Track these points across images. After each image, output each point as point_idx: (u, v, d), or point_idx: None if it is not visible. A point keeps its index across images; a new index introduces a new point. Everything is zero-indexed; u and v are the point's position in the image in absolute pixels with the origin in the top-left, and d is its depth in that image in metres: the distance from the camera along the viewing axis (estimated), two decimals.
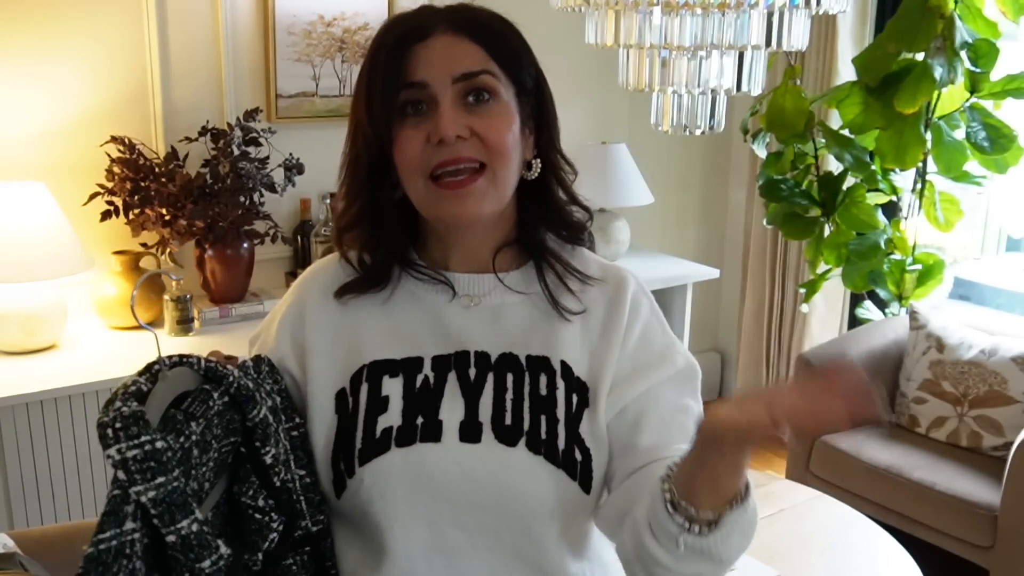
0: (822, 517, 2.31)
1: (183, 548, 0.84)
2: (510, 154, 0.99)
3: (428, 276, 1.06)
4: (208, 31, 2.82)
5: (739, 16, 1.92)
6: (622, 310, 1.06)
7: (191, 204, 2.59)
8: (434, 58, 0.96)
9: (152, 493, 0.82)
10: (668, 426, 1.01)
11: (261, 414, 0.93)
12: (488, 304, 1.05)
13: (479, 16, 1.01)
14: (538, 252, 1.07)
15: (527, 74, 1.02)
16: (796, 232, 3.30)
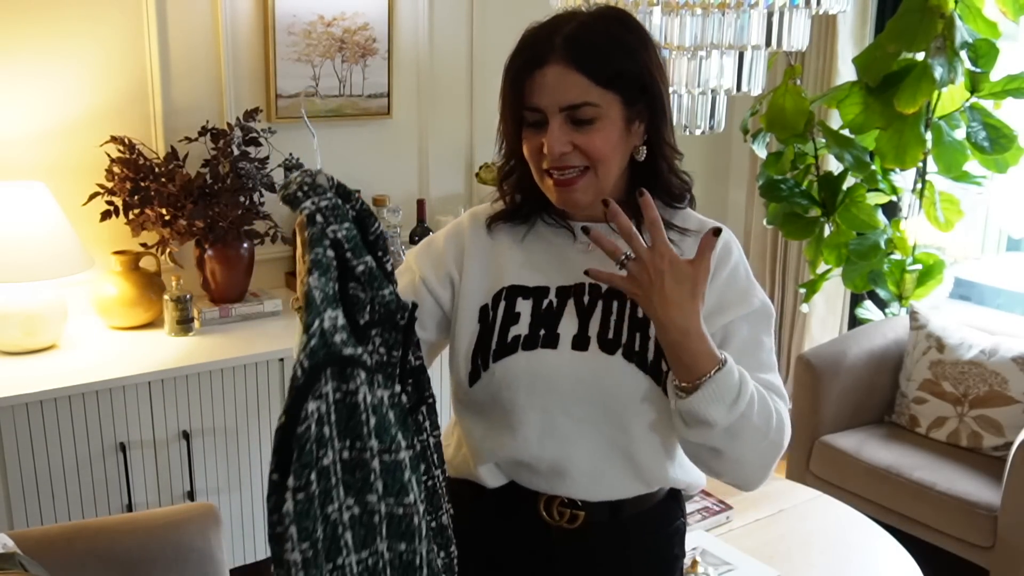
0: (822, 517, 2.31)
1: (368, 278, 0.98)
2: (608, 160, 1.21)
3: (555, 222, 1.31)
4: (208, 31, 2.82)
5: (739, 16, 1.92)
6: None
7: (191, 204, 2.59)
8: (546, 88, 1.18)
9: (343, 232, 0.96)
10: (742, 355, 1.21)
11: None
12: None
13: (591, 41, 1.18)
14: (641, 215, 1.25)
15: (632, 84, 1.20)
16: (796, 232, 3.30)
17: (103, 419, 2.34)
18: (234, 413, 2.53)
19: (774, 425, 1.18)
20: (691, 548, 2.01)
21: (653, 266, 1.11)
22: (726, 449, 1.16)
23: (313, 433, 0.87)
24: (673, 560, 1.39)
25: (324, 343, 0.88)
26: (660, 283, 1.11)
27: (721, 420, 1.13)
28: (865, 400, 3.16)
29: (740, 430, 1.14)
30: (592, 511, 1.28)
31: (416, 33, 3.17)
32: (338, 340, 0.89)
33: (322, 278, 0.90)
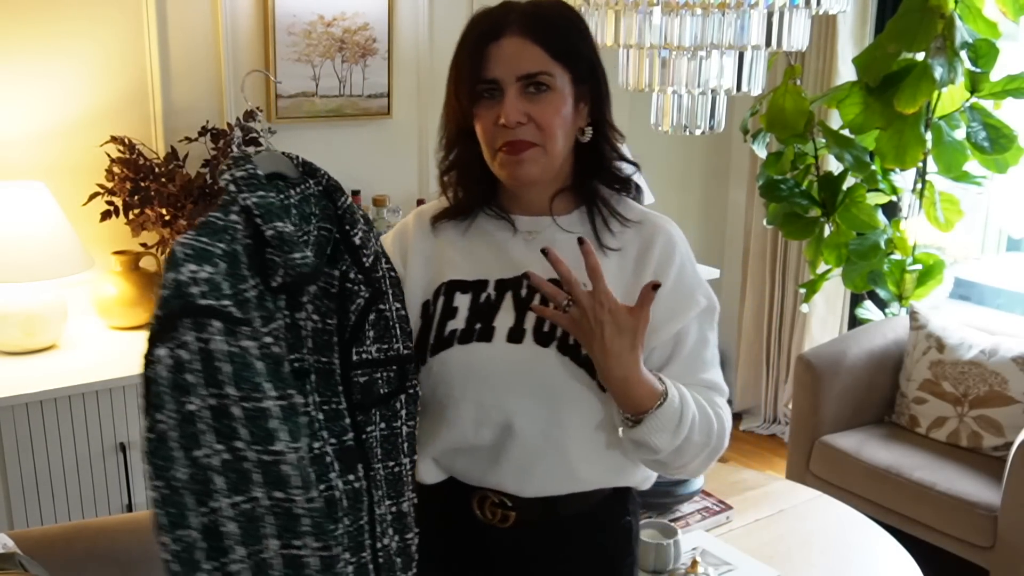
0: (822, 517, 2.31)
1: (279, 243, 1.00)
2: (558, 134, 1.23)
3: (496, 214, 1.32)
4: (208, 31, 2.82)
5: (739, 16, 1.92)
6: (653, 251, 1.28)
7: (191, 204, 2.59)
8: (503, 58, 1.21)
9: (255, 199, 1.01)
10: (692, 359, 1.27)
11: (348, 202, 1.13)
12: (543, 239, 1.28)
13: (546, 16, 1.23)
14: (590, 199, 1.30)
15: (583, 62, 1.25)
16: (796, 232, 3.30)
17: (103, 419, 2.34)
18: None
19: (715, 434, 1.23)
20: (691, 548, 2.01)
21: (594, 315, 1.13)
22: (670, 462, 1.22)
23: (166, 378, 0.90)
24: (620, 560, 1.37)
25: (178, 294, 0.91)
26: (600, 332, 1.13)
27: (665, 446, 1.18)
28: (865, 400, 3.16)
29: (683, 449, 1.20)
30: (523, 510, 1.28)
31: (416, 33, 3.17)
32: (195, 292, 0.92)
33: (202, 238, 0.96)
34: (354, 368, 1.14)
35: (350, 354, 1.13)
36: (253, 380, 0.93)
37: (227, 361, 0.92)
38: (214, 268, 0.94)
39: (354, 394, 1.14)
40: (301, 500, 0.96)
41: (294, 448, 0.96)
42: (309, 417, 1.04)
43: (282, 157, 1.14)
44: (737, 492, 2.36)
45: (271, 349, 0.96)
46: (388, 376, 1.18)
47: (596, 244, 1.26)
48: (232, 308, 0.94)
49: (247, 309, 0.96)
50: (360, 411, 1.15)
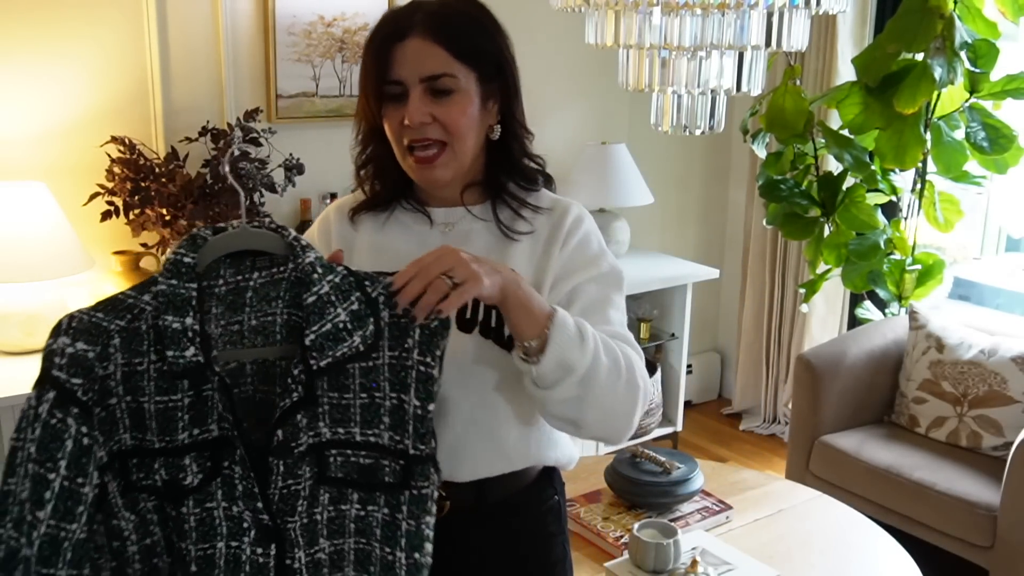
0: (822, 517, 2.31)
1: (160, 336, 1.05)
2: (465, 134, 1.26)
3: (413, 207, 1.35)
4: (208, 31, 2.82)
5: (739, 16, 1.92)
6: (562, 228, 1.32)
7: (191, 204, 2.59)
8: (407, 59, 1.22)
9: (162, 287, 1.05)
10: (591, 312, 1.27)
11: (311, 298, 1.08)
12: (459, 230, 1.33)
13: (450, 17, 1.24)
14: (496, 193, 1.34)
15: (489, 62, 1.26)
16: (796, 232, 3.30)
17: None
18: None
19: (623, 365, 1.20)
20: (691, 548, 2.02)
21: (437, 253, 1.09)
22: (587, 396, 1.16)
23: (24, 411, 1.03)
24: (549, 538, 1.41)
25: (46, 357, 1.02)
26: (460, 258, 1.08)
27: (578, 361, 1.14)
28: (865, 400, 3.16)
29: (595, 372, 1.16)
30: (457, 496, 1.29)
31: None
32: (56, 361, 1.01)
33: (99, 313, 1.04)
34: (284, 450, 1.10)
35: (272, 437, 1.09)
36: (54, 453, 1.01)
37: (42, 427, 1.00)
38: (89, 346, 1.01)
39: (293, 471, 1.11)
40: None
41: (51, 524, 1.02)
42: (143, 497, 1.09)
43: (267, 234, 1.09)
44: (737, 492, 2.36)
45: (83, 440, 1.02)
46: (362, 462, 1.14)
47: (502, 233, 1.32)
48: (77, 387, 1.01)
49: (100, 392, 1.03)
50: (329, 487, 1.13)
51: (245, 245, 1.09)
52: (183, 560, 1.10)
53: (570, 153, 3.47)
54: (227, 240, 1.08)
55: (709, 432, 4.08)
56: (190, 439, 1.07)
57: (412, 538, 1.12)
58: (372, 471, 1.12)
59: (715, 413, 4.28)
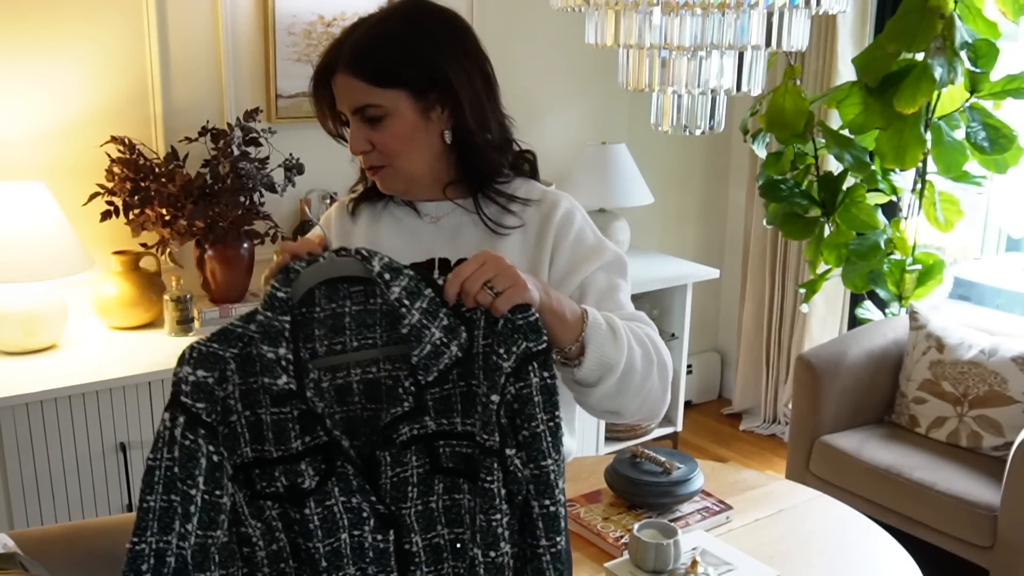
0: (822, 517, 2.31)
1: (260, 366, 1.14)
2: (402, 153, 1.32)
3: (403, 201, 1.41)
4: (208, 31, 2.82)
5: (739, 16, 1.92)
6: (552, 221, 1.35)
7: (191, 204, 2.59)
8: (339, 94, 1.31)
9: (261, 317, 1.13)
10: (603, 301, 1.31)
11: (412, 319, 1.13)
12: (448, 223, 1.38)
13: (369, 46, 1.28)
14: (477, 189, 1.37)
15: (416, 78, 1.29)
16: (796, 232, 3.30)
17: (103, 419, 2.34)
18: None
19: (651, 347, 1.25)
20: (691, 548, 2.01)
21: (478, 261, 1.11)
22: (627, 387, 1.21)
23: (158, 432, 1.13)
24: None
25: (174, 384, 1.13)
26: (501, 266, 1.10)
27: (616, 357, 1.18)
28: (865, 400, 3.16)
29: (632, 363, 1.20)
30: None
31: None
32: (182, 388, 1.12)
33: (214, 343, 1.14)
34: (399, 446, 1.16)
35: (389, 441, 1.16)
36: (192, 471, 1.11)
37: (179, 449, 1.11)
38: (208, 373, 1.12)
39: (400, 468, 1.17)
40: None
41: (199, 534, 1.12)
42: (263, 507, 1.17)
43: (352, 263, 1.15)
44: (737, 492, 2.36)
45: (213, 457, 1.12)
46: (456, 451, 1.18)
47: (488, 229, 1.35)
48: (202, 411, 1.12)
49: (222, 411, 1.14)
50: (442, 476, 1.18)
51: (334, 274, 1.17)
52: (312, 558, 1.16)
53: (570, 153, 3.47)
54: (316, 271, 1.15)
55: (709, 432, 4.07)
56: (303, 446, 1.14)
57: (486, 534, 1.13)
58: (473, 461, 1.16)
59: (715, 413, 4.28)
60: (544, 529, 1.13)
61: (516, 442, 1.12)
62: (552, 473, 1.12)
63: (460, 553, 1.19)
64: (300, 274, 1.14)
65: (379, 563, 1.18)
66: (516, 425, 1.12)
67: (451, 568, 1.19)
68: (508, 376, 1.11)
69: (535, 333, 1.12)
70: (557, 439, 1.13)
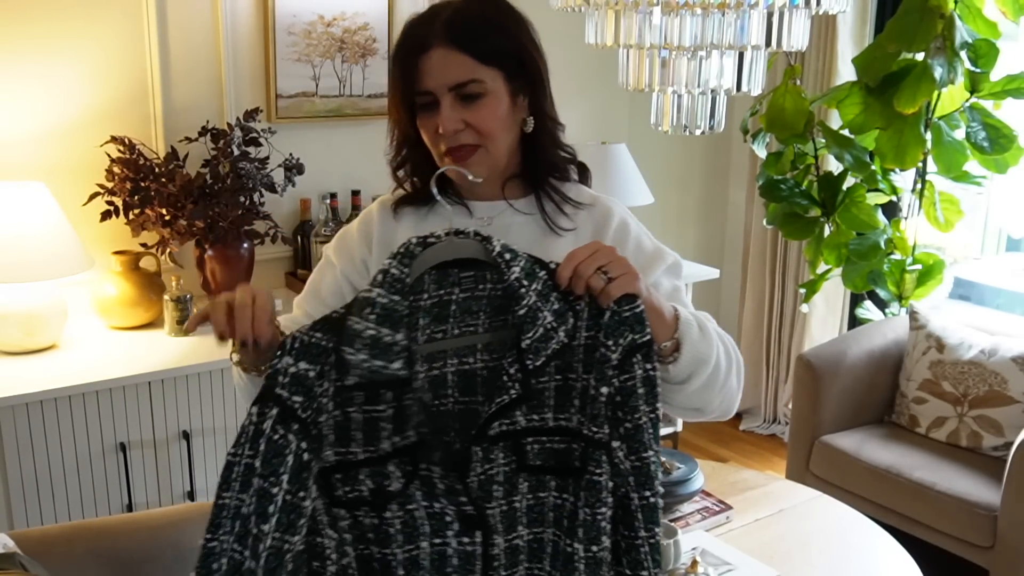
0: (822, 517, 2.31)
1: (364, 346, 1.07)
2: (498, 134, 1.28)
3: (453, 201, 1.35)
4: (208, 31, 2.82)
5: (739, 16, 1.91)
6: (608, 230, 1.34)
7: (191, 204, 2.59)
8: (433, 70, 1.24)
9: (382, 300, 1.08)
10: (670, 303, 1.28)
11: (527, 303, 1.12)
12: (500, 223, 1.34)
13: (469, 22, 1.25)
14: (537, 185, 1.35)
15: (513, 60, 1.27)
16: (796, 232, 3.30)
17: (103, 419, 2.34)
18: (234, 413, 2.53)
19: (729, 345, 1.28)
20: (691, 548, 2.01)
21: (590, 248, 1.13)
22: (714, 383, 1.23)
23: (245, 427, 1.07)
24: None
25: (270, 376, 1.06)
26: (615, 253, 1.13)
27: (707, 353, 1.20)
28: (865, 400, 3.16)
29: (719, 359, 1.23)
30: None
31: None
32: (279, 380, 1.06)
33: (317, 332, 1.08)
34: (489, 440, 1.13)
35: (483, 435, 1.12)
36: (277, 468, 1.05)
37: (265, 443, 1.05)
38: (310, 365, 1.06)
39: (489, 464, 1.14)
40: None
41: (276, 537, 1.06)
42: (342, 514, 1.12)
43: (472, 244, 1.13)
44: (737, 492, 2.36)
45: (303, 456, 1.07)
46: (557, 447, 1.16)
47: (547, 227, 1.33)
48: (298, 405, 1.06)
49: (316, 411, 1.08)
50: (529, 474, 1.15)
51: (451, 255, 1.14)
52: (388, 566, 1.13)
53: None
54: (435, 252, 1.12)
55: (709, 432, 4.07)
56: (392, 447, 1.11)
57: (589, 528, 1.12)
58: (566, 455, 1.14)
59: None
60: (643, 520, 1.12)
61: (619, 434, 1.11)
62: (653, 464, 1.11)
63: (536, 553, 1.17)
64: (417, 257, 1.11)
65: (463, 570, 1.14)
66: (618, 417, 1.11)
67: (526, 570, 1.17)
68: (613, 368, 1.10)
69: (640, 325, 1.11)
70: (657, 431, 1.12)
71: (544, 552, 1.16)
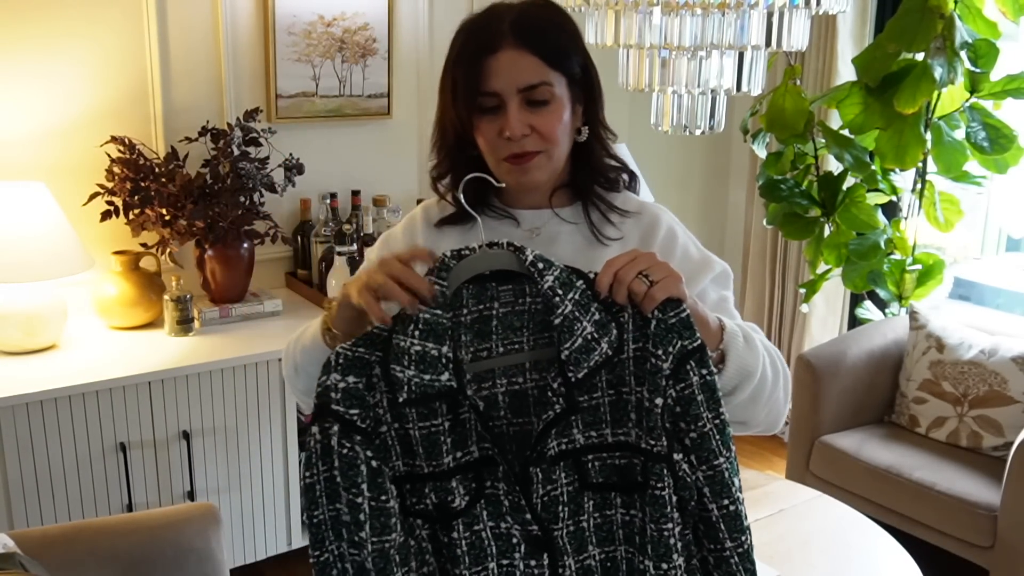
0: (822, 517, 2.31)
1: (411, 362, 1.08)
2: (561, 140, 1.26)
3: (499, 212, 1.34)
4: (208, 31, 2.82)
5: (739, 16, 1.92)
6: (656, 238, 1.32)
7: (191, 204, 2.59)
8: (502, 71, 1.21)
9: (426, 316, 1.08)
10: (716, 313, 1.25)
11: (564, 311, 1.10)
12: (546, 233, 1.32)
13: (538, 25, 1.23)
14: (585, 195, 1.33)
15: (576, 64, 1.26)
16: (796, 232, 3.30)
17: (103, 419, 2.34)
18: (234, 413, 2.53)
19: (776, 357, 1.25)
20: None
21: (630, 255, 1.11)
22: (760, 396, 1.21)
23: (311, 448, 1.09)
24: None
25: (322, 393, 1.08)
26: (655, 258, 1.12)
27: (754, 365, 1.18)
28: (865, 400, 3.16)
29: (764, 372, 1.20)
30: None
31: (416, 33, 3.17)
32: (332, 396, 1.07)
33: (360, 348, 1.08)
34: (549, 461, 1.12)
35: (531, 456, 1.11)
36: (355, 479, 1.07)
37: (338, 459, 1.07)
38: (358, 379, 1.07)
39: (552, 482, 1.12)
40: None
41: (375, 541, 1.08)
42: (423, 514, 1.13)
43: (504, 255, 1.12)
44: None
45: (372, 462, 1.08)
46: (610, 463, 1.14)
47: (594, 236, 1.31)
48: (355, 417, 1.07)
49: (373, 420, 1.09)
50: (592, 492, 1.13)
51: (486, 267, 1.13)
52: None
53: None
54: (470, 264, 1.12)
55: None
56: (454, 462, 1.10)
57: (657, 545, 1.09)
58: (628, 471, 1.12)
59: None
60: (727, 530, 1.10)
61: (683, 446, 1.08)
62: (727, 471, 1.09)
63: (610, 573, 1.14)
64: (452, 269, 1.10)
65: None
66: (680, 428, 1.08)
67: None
68: (667, 379, 1.07)
69: (688, 330, 1.08)
70: (726, 436, 1.09)
71: (619, 571, 1.14)
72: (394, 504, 1.08)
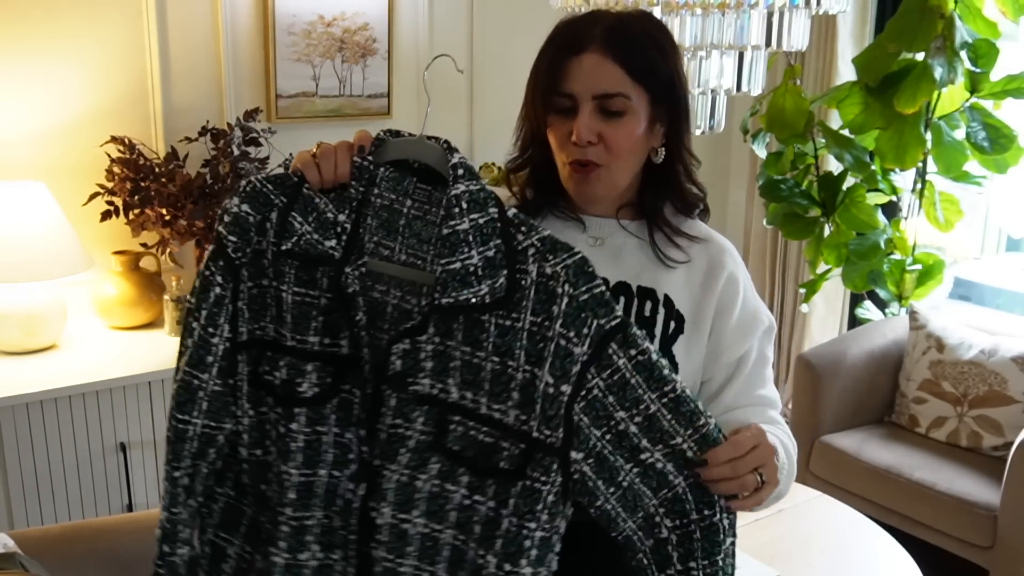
0: (822, 517, 2.31)
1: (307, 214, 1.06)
2: (626, 155, 1.22)
3: (565, 215, 1.30)
4: (208, 31, 2.82)
5: (739, 16, 1.92)
6: (720, 276, 1.28)
7: (191, 204, 2.59)
8: (582, 74, 1.19)
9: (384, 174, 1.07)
10: (753, 377, 1.28)
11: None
12: (611, 244, 1.29)
13: (630, 34, 1.21)
14: (651, 217, 1.29)
15: (662, 83, 1.22)
16: (796, 232, 3.30)
17: (103, 419, 2.34)
18: None
19: (792, 451, 1.24)
20: None
21: (753, 442, 1.09)
22: (780, 495, 1.21)
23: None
24: None
25: (219, 215, 1.08)
26: (770, 453, 1.11)
27: (786, 485, 1.20)
28: (865, 400, 3.16)
29: (787, 480, 1.21)
30: None
31: (416, 33, 3.17)
32: (224, 219, 1.06)
33: (268, 184, 1.07)
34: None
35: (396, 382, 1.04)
36: (201, 303, 1.06)
37: (200, 279, 1.06)
38: (252, 211, 1.05)
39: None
40: None
41: (187, 371, 1.07)
42: None
43: (435, 148, 1.08)
44: None
45: (221, 293, 1.06)
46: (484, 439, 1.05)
47: (656, 258, 1.27)
48: (230, 244, 1.05)
49: (254, 263, 1.06)
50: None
51: (416, 154, 1.09)
52: (282, 486, 1.04)
53: None
54: (400, 145, 1.08)
55: None
56: (319, 347, 1.04)
57: (509, 543, 0.99)
58: (490, 453, 1.02)
59: None
60: (694, 500, 1.05)
61: (623, 436, 1.00)
62: (688, 450, 1.01)
63: (428, 552, 1.04)
64: (385, 144, 1.06)
65: (343, 516, 1.05)
66: (623, 419, 0.99)
67: (411, 567, 1.05)
68: (586, 365, 0.97)
69: (603, 307, 0.98)
70: (681, 412, 1.01)
71: (439, 555, 1.05)
72: (219, 345, 1.04)
